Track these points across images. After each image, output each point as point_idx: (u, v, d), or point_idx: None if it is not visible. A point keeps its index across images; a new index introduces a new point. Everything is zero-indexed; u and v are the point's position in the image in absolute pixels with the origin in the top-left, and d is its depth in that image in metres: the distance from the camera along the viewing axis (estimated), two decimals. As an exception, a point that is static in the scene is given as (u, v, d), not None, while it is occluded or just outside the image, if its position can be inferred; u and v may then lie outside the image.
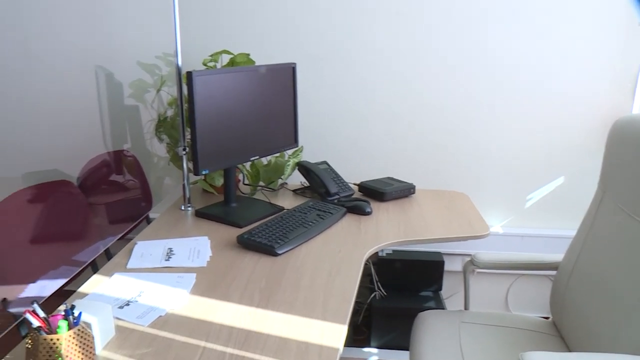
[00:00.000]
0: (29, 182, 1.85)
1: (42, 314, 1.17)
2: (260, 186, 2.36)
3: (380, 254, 2.67)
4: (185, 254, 1.75)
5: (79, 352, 1.15)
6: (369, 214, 2.10)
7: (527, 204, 2.72)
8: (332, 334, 1.30)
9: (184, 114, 2.12)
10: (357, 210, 2.10)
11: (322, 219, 1.96)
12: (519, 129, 2.62)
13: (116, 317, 1.38)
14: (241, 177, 2.39)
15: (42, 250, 1.77)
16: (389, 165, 2.70)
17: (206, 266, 1.67)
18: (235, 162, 2.08)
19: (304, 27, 2.57)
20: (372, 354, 2.63)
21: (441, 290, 2.68)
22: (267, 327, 1.33)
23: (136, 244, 1.84)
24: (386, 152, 2.69)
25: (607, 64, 2.51)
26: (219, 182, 2.26)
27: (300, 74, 2.58)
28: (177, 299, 1.48)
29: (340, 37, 2.57)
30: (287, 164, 2.31)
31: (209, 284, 1.56)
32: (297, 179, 2.45)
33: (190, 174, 2.18)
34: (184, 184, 2.17)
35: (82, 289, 1.55)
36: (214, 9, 2.59)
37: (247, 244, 1.78)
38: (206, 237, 1.89)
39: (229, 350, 1.24)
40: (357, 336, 2.71)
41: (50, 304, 1.42)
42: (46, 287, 1.65)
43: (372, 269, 2.65)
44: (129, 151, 2.35)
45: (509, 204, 2.73)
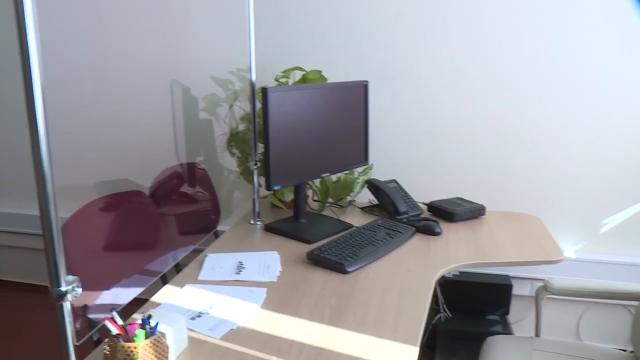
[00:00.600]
0: (101, 191, 1.91)
1: (120, 322, 1.20)
2: (329, 203, 2.37)
3: (446, 275, 2.63)
4: (255, 268, 1.77)
5: (155, 361, 1.17)
6: (438, 234, 2.07)
7: (602, 228, 2.63)
8: (404, 355, 1.29)
9: (256, 128, 2.15)
10: (427, 230, 2.08)
11: (392, 238, 1.95)
12: (595, 149, 2.53)
13: (189, 328, 1.41)
14: (310, 193, 2.40)
15: (114, 258, 1.82)
16: (458, 185, 2.67)
17: (276, 281, 1.68)
18: (306, 179, 2.09)
19: (376, 45, 2.58)
20: (436, 377, 2.59)
21: (508, 314, 2.61)
22: (338, 345, 1.32)
23: (207, 256, 1.87)
24: (456, 171, 2.66)
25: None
26: (289, 197, 2.28)
27: (371, 92, 2.58)
28: (248, 312, 1.49)
29: (411, 56, 2.56)
30: (357, 181, 2.31)
31: (279, 299, 1.57)
32: (365, 197, 2.45)
33: (260, 188, 2.21)
34: (254, 198, 2.20)
35: (155, 299, 1.58)
36: (287, 26, 2.63)
37: (317, 260, 1.79)
38: (276, 252, 1.90)
39: (301, 366, 1.24)
40: (421, 357, 2.67)
41: (120, 311, 1.45)
42: (120, 294, 1.69)
43: (438, 290, 2.61)
44: (200, 164, 2.39)
45: (583, 228, 2.64)
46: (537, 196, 2.63)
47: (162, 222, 2.15)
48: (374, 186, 2.29)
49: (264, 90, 1.82)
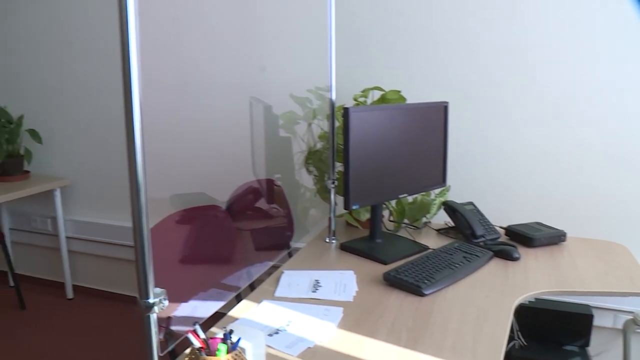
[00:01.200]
0: (176, 204, 1.96)
1: (202, 336, 1.23)
2: (404, 223, 2.36)
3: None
4: (331, 287, 1.78)
5: (236, 375, 1.19)
6: (516, 259, 2.02)
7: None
8: (483, 384, 1.26)
9: (335, 147, 2.17)
10: (504, 254, 2.04)
11: (469, 262, 1.92)
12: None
13: (266, 345, 1.42)
14: (386, 214, 2.40)
15: (193, 271, 1.87)
16: (537, 209, 2.60)
17: (352, 301, 1.68)
18: (384, 199, 2.09)
19: (456, 65, 2.56)
20: (510, 406, 2.51)
21: (588, 346, 2.51)
22: (416, 369, 1.32)
23: (283, 272, 1.89)
24: (535, 195, 2.59)
25: None
26: (365, 217, 2.28)
27: (450, 112, 2.56)
28: (325, 331, 1.49)
29: (491, 76, 2.53)
30: (433, 202, 2.29)
31: (356, 319, 1.57)
32: (441, 219, 2.42)
33: (336, 207, 2.22)
34: (330, 217, 2.21)
35: (232, 313, 1.61)
36: (366, 46, 2.65)
37: (393, 281, 1.78)
38: (352, 272, 1.91)
39: (378, 389, 1.24)
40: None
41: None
42: (198, 307, 1.73)
43: (513, 316, 2.54)
44: (276, 180, 2.43)
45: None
46: (625, 225, 2.52)
47: (238, 236, 2.19)
48: (450, 208, 2.26)
49: (346, 109, 1.84)
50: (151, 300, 1.06)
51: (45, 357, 3.01)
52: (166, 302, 1.09)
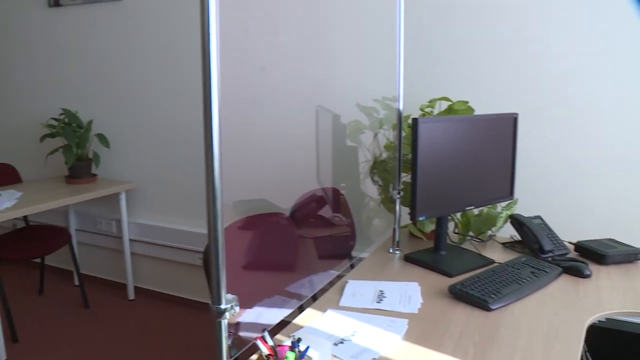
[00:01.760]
0: (239, 210, 1.98)
1: (270, 343, 1.23)
2: (469, 236, 2.32)
3: (590, 320, 2.48)
4: (396, 298, 1.76)
5: (304, 384, 1.19)
6: (587, 276, 1.96)
7: None
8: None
9: (401, 158, 2.15)
10: (575, 271, 1.97)
11: (537, 277, 1.87)
12: None
13: (332, 354, 1.42)
14: (451, 225, 2.36)
15: (255, 277, 1.88)
16: (609, 225, 2.50)
17: (417, 313, 1.67)
18: (451, 211, 2.06)
19: (525, 74, 2.51)
20: None
21: (664, 371, 2.42)
22: (485, 386, 1.29)
23: (347, 282, 1.88)
24: (608, 210, 2.50)
25: None
26: (429, 228, 2.26)
27: (518, 123, 2.51)
28: (390, 343, 1.48)
29: (562, 86, 2.46)
30: (500, 215, 2.25)
31: (421, 331, 1.55)
32: (506, 232, 2.37)
33: (400, 218, 2.21)
34: (394, 227, 2.19)
35: (297, 321, 1.61)
36: (434, 56, 2.62)
37: (459, 294, 1.75)
38: (416, 283, 1.89)
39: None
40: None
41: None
42: (263, 314, 1.74)
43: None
44: (340, 189, 2.43)
45: None
46: None
47: (301, 244, 2.20)
48: (517, 222, 2.21)
49: (415, 120, 1.83)
50: (223, 306, 1.07)
51: (106, 355, 3.08)
52: (237, 309, 1.09)
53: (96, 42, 3.77)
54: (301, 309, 1.70)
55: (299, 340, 1.23)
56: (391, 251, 2.20)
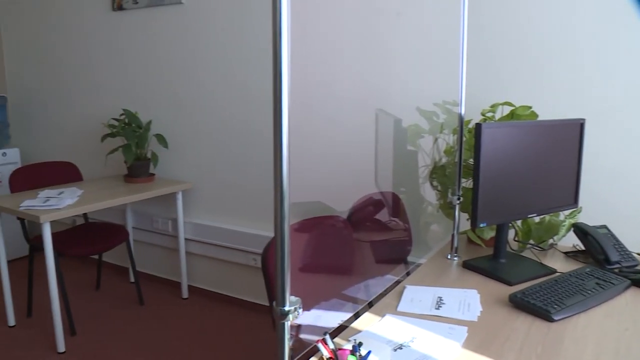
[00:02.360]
0: (295, 212, 1.98)
1: (332, 346, 1.22)
2: (530, 244, 2.26)
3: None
4: (455, 305, 1.73)
5: (365, 389, 1.17)
6: (658, 290, 1.88)
7: None
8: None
9: (462, 163, 2.12)
10: (644, 284, 1.90)
11: (603, 289, 1.80)
12: None
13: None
14: (510, 233, 2.31)
15: (313, 279, 1.87)
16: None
17: (477, 321, 1.63)
18: (513, 218, 2.02)
19: (592, 79, 2.43)
20: None
21: None
22: (550, 399, 1.25)
23: (405, 287, 1.86)
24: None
25: None
26: (488, 235, 2.21)
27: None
28: (450, 350, 1.45)
29: (631, 91, 2.38)
30: (563, 224, 2.19)
31: (481, 340, 1.52)
32: (569, 241, 2.30)
33: (459, 223, 2.17)
34: (453, 234, 2.16)
35: (355, 325, 1.60)
36: (496, 60, 2.57)
37: (520, 304, 1.71)
38: (475, 291, 1.85)
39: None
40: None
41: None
42: (321, 317, 1.73)
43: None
44: (397, 194, 2.41)
45: None
46: None
47: (359, 248, 2.18)
48: (581, 231, 2.14)
49: (478, 125, 1.79)
50: (287, 308, 1.07)
51: (159, 351, 3.13)
52: (300, 311, 1.09)
53: (157, 45, 3.84)
54: (357, 314, 1.69)
55: (360, 344, 1.22)
56: (449, 257, 2.17)
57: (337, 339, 1.50)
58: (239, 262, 3.65)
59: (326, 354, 1.20)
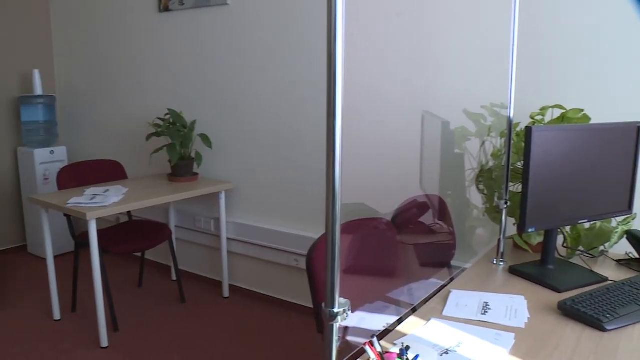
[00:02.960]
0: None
1: (379, 349, 1.21)
2: (579, 251, 2.21)
3: None
4: (501, 311, 1.70)
5: (413, 394, 1.16)
6: None
7: None
8: None
9: (509, 167, 2.08)
10: (702, 295, 1.83)
11: (658, 299, 1.75)
12: None
13: (437, 365, 1.38)
14: (559, 238, 2.26)
15: (357, 281, 1.86)
16: None
17: (524, 327, 1.60)
18: (562, 224, 1.97)
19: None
20: None
21: None
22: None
23: (451, 292, 1.84)
24: None
25: None
26: (536, 240, 2.16)
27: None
28: (497, 356, 1.43)
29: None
30: (615, 231, 2.13)
31: (529, 347, 1.48)
32: (621, 248, 2.24)
33: (505, 228, 2.13)
34: (499, 238, 2.12)
35: (400, 329, 1.58)
36: (546, 62, 2.51)
37: (569, 312, 1.66)
38: (522, 297, 1.81)
39: None
40: None
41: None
42: (364, 319, 1.72)
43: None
44: (442, 197, 2.38)
45: None
46: None
47: (403, 251, 2.16)
48: (635, 238, 2.08)
49: (528, 129, 1.76)
50: (336, 309, 1.06)
51: (199, 348, 3.15)
52: (349, 313, 1.08)
53: (202, 45, 3.88)
54: (400, 317, 1.67)
55: (407, 348, 1.21)
56: (495, 262, 2.13)
57: (382, 342, 1.49)
58: (280, 262, 3.65)
59: (373, 356, 1.19)
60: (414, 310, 1.73)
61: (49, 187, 4.57)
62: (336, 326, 1.08)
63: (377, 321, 1.74)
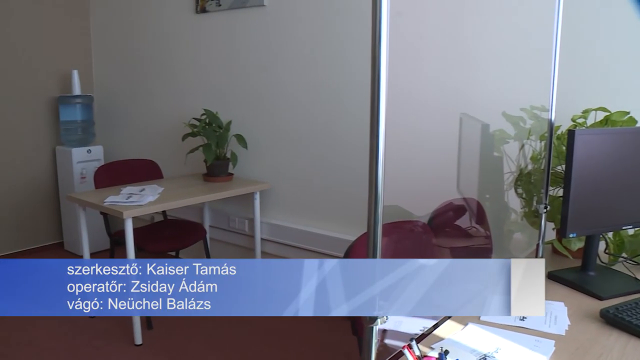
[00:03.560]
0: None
1: (417, 352, 1.19)
2: (622, 257, 2.15)
3: None
4: (541, 317, 1.66)
5: (451, 399, 1.14)
6: None
7: None
8: None
9: (550, 170, 2.04)
10: None
11: None
12: None
13: (476, 370, 1.36)
14: (600, 245, 2.21)
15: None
16: None
17: (564, 335, 1.56)
18: (604, 229, 1.93)
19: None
20: None
21: None
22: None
23: (489, 297, 1.81)
24: None
25: None
26: (576, 245, 2.12)
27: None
28: (537, 364, 1.40)
29: None
30: (660, 237, 2.07)
31: (569, 355, 1.45)
32: (665, 256, 2.18)
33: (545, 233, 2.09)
34: (538, 243, 2.08)
35: (437, 333, 1.56)
36: (589, 63, 2.46)
37: (612, 320, 1.62)
38: (562, 303, 1.77)
39: None
40: None
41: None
42: (401, 322, 1.69)
43: None
44: (479, 200, 2.34)
45: None
46: None
47: (440, 254, 2.14)
48: (680, 245, 2.03)
49: (571, 132, 1.73)
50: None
51: (232, 348, 3.17)
52: (389, 316, 1.07)
53: (238, 46, 3.90)
54: (436, 323, 1.65)
55: (446, 352, 1.19)
56: (534, 268, 2.09)
57: (422, 346, 1.47)
58: (312, 263, 3.64)
59: (412, 360, 1.17)
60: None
61: (85, 185, 4.64)
62: (375, 329, 1.07)
63: (413, 325, 1.71)
